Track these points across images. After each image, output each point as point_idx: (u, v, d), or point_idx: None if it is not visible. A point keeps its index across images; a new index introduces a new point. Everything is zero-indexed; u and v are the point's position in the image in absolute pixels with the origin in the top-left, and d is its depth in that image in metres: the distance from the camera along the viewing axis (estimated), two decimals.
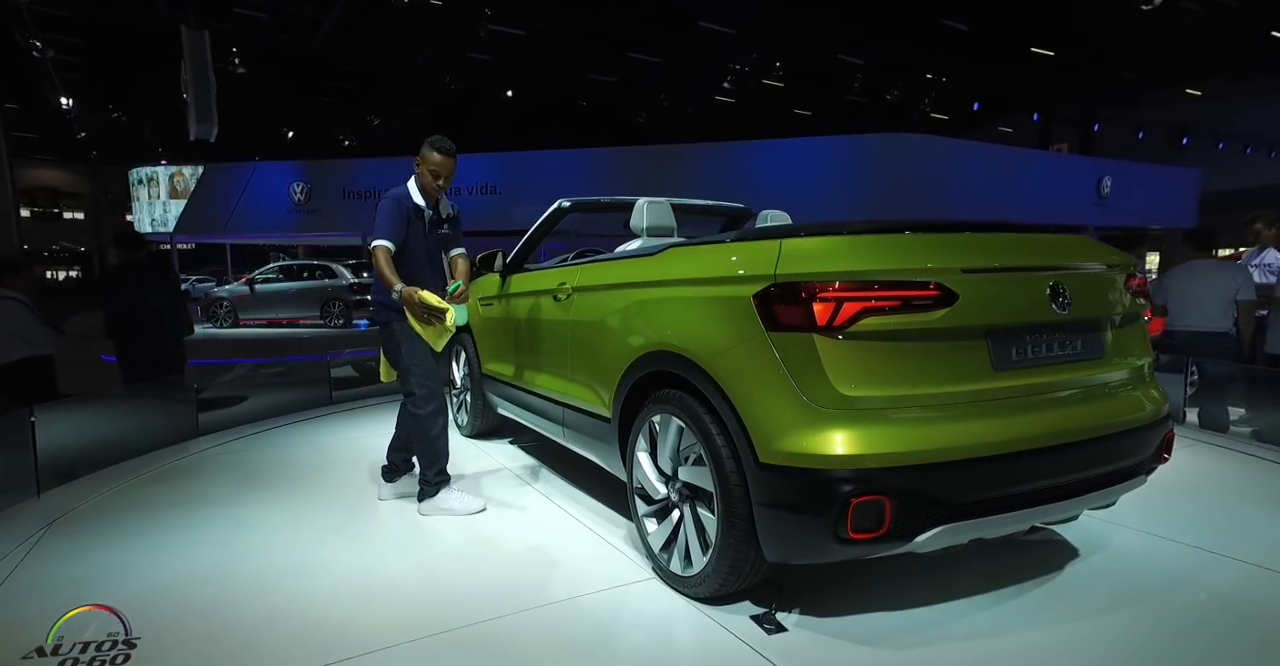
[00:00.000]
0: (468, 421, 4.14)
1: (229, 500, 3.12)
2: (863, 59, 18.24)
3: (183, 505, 3.03)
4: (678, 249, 2.34)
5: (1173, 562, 2.23)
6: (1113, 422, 1.89)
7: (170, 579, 2.30)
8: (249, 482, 3.39)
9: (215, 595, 2.19)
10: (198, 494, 3.22)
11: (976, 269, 1.77)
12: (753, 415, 1.80)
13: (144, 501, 3.11)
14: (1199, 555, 2.27)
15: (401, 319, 2.75)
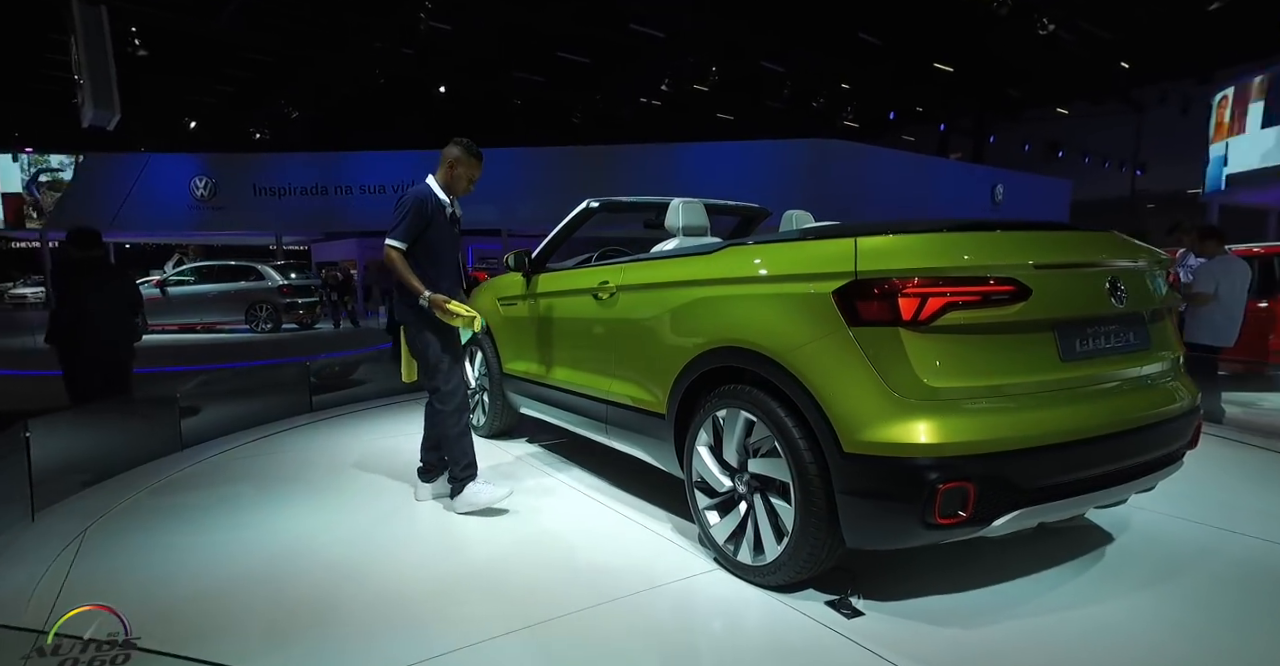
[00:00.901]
0: (485, 421, 4.09)
1: (262, 504, 3.04)
2: (784, 67, 19.02)
3: (211, 509, 2.98)
4: (737, 248, 2.39)
5: (1192, 538, 2.45)
6: (1160, 411, 2.03)
7: (231, 577, 2.30)
8: (273, 487, 3.28)
9: (286, 593, 2.19)
10: (225, 499, 3.12)
11: (1046, 265, 1.89)
12: (836, 407, 1.85)
13: (164, 509, 2.98)
14: (1210, 531, 2.51)
15: (426, 318, 2.79)
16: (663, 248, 2.95)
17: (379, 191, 16.24)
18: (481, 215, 14.82)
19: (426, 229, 2.77)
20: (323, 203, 16.65)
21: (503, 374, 3.84)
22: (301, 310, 12.83)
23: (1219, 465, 3.37)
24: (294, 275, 13.32)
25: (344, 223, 17.37)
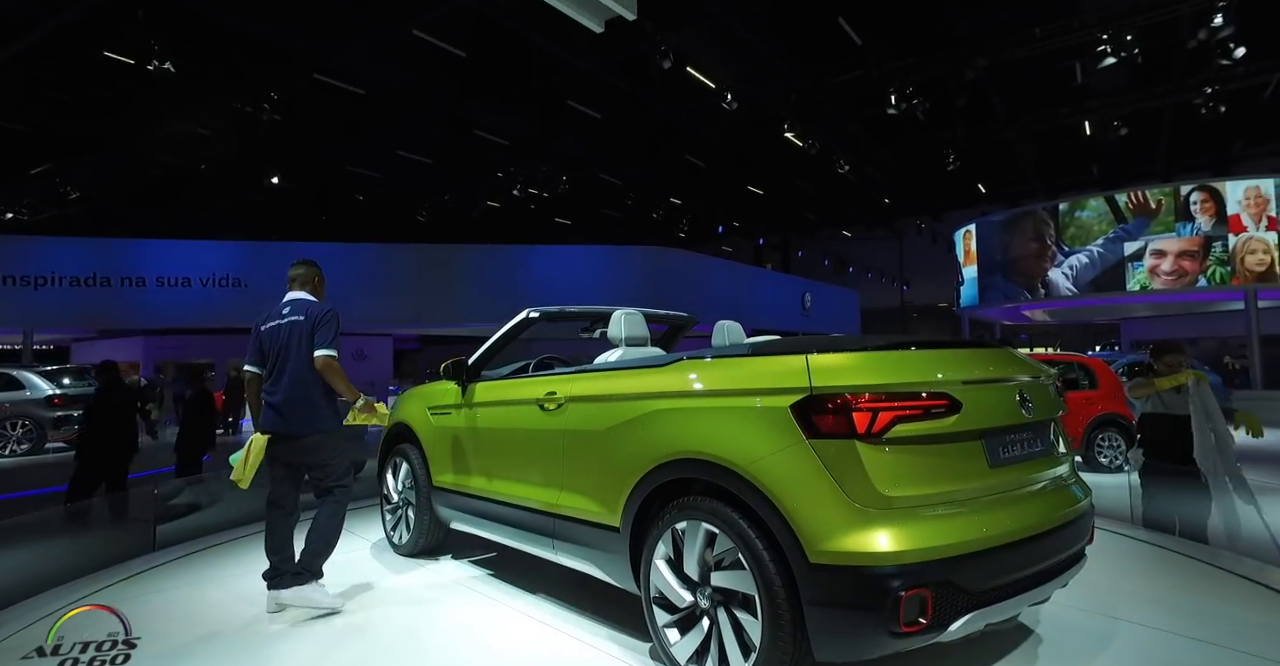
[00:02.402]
0: (409, 539, 3.68)
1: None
2: (620, 179, 20.60)
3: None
4: (692, 361, 2.44)
5: (1093, 626, 2.61)
6: (1071, 510, 2.21)
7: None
8: None
9: None
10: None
11: (972, 380, 2.08)
12: (800, 517, 1.87)
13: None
14: (1104, 620, 2.66)
15: (339, 426, 3.00)
16: (607, 358, 2.97)
17: (183, 285, 14.15)
18: None
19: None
20: (101, 295, 14.07)
21: (432, 487, 3.52)
22: (78, 425, 10.42)
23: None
24: (67, 381, 10.94)
25: (130, 319, 14.71)
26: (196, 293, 13.80)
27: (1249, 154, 18.46)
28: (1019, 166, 15.94)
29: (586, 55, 12.47)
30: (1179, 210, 14.64)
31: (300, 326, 2.98)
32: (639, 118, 15.76)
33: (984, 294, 17.93)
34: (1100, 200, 15.66)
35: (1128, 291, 15.21)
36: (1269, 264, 14.12)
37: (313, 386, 2.91)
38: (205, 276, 14.07)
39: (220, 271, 14.11)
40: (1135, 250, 14.94)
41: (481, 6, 10.85)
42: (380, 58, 12.62)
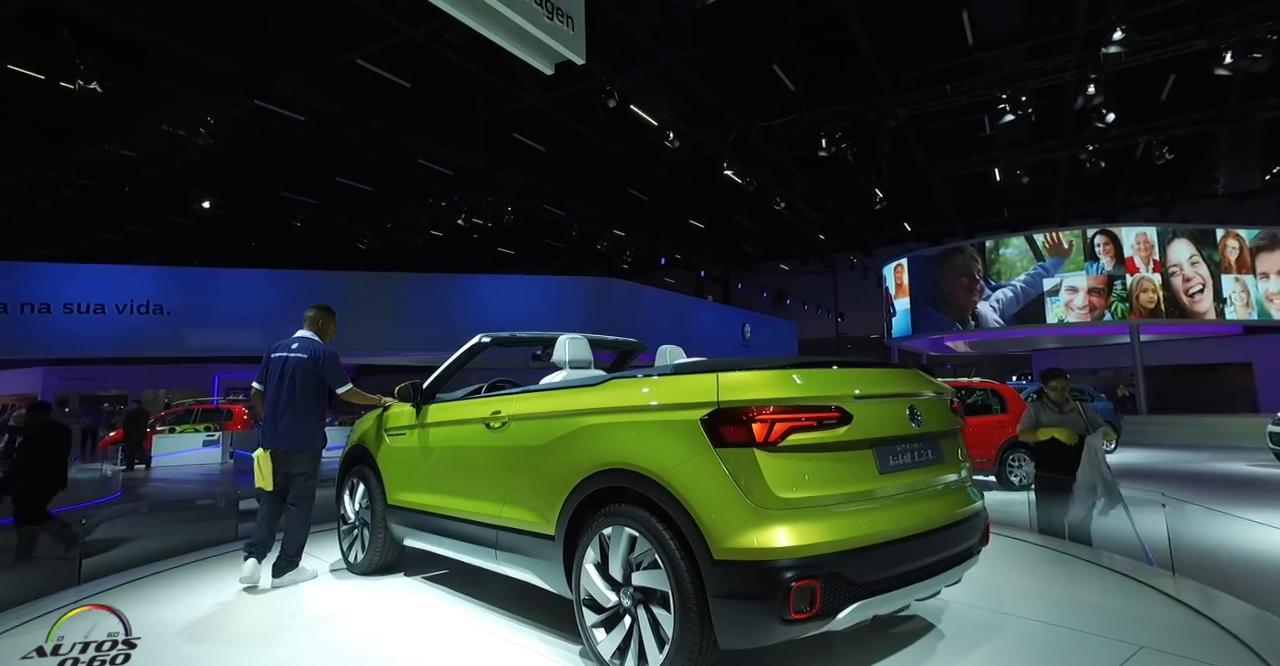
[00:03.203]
0: (363, 558, 3.76)
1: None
2: (563, 211, 20.89)
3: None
4: (619, 380, 2.64)
5: (977, 619, 2.90)
6: (958, 513, 2.44)
7: None
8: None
9: None
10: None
11: (864, 396, 2.32)
12: (706, 518, 2.09)
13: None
14: (986, 613, 2.98)
15: (321, 445, 3.76)
16: (552, 379, 3.16)
17: (96, 311, 13.34)
18: (244, 340, 12.96)
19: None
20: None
21: (387, 505, 3.62)
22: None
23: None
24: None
25: (31, 348, 13.74)
26: (111, 320, 13.02)
27: (1130, 203, 20.53)
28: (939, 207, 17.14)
29: (533, 90, 12.79)
30: (1087, 251, 16.07)
31: (305, 363, 3.69)
32: (584, 151, 16.15)
33: (917, 325, 18.93)
34: (1021, 239, 16.97)
35: (1047, 324, 16.42)
36: (1156, 302, 15.63)
37: (308, 414, 3.67)
38: (122, 303, 13.31)
39: (139, 297, 13.38)
40: (1053, 286, 16.24)
41: (428, 40, 11.04)
42: (321, 85, 12.58)
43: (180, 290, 13.79)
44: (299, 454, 3.65)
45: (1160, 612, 2.94)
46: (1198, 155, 14.20)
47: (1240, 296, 15.86)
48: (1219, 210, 17.82)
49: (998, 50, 11.18)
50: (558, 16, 3.94)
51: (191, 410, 12.21)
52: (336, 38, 11.02)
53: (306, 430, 3.66)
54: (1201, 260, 15.82)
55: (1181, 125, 11.99)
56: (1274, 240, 16.02)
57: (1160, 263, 15.73)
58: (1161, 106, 12.32)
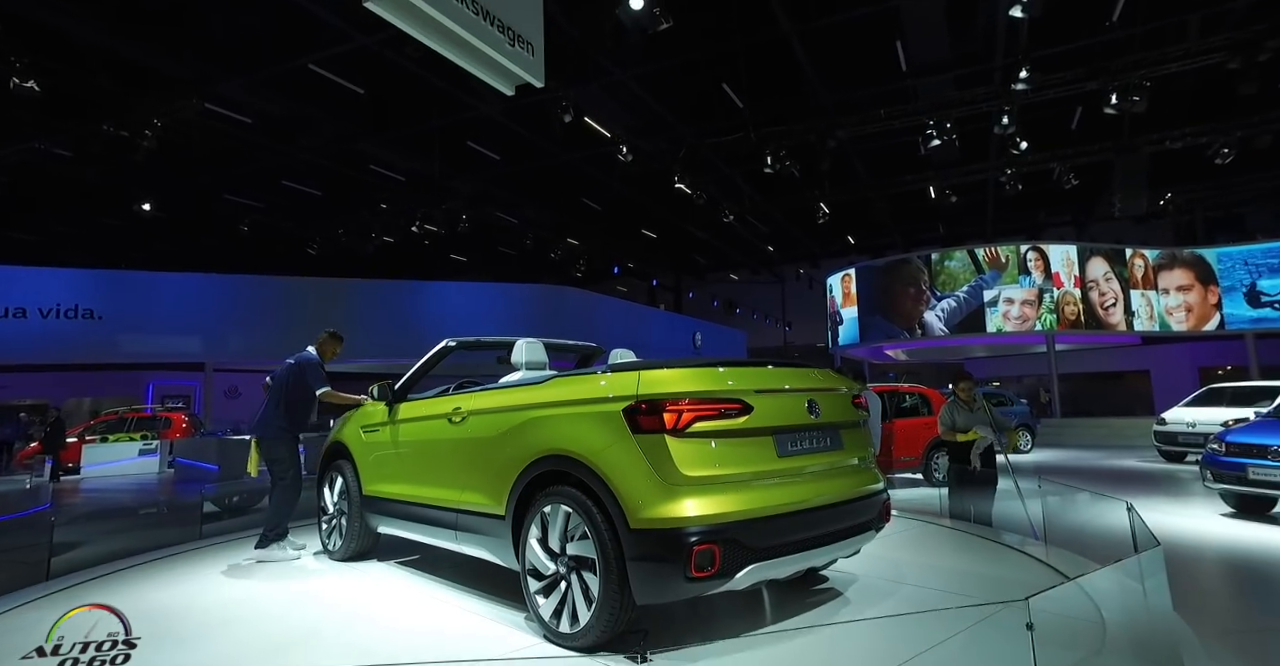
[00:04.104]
0: (341, 545, 4.11)
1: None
2: (516, 219, 20.99)
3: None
4: (560, 379, 2.99)
5: (874, 587, 3.34)
6: (851, 493, 2.81)
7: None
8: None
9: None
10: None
11: (763, 390, 2.68)
12: (625, 494, 2.44)
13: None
14: (884, 582, 3.44)
15: (290, 435, 4.32)
16: (509, 379, 3.47)
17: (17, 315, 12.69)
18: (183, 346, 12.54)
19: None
20: None
21: (363, 496, 3.95)
22: None
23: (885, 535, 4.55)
24: None
25: None
26: (34, 325, 12.38)
27: (1050, 222, 22.13)
28: (878, 221, 18.08)
29: (489, 100, 12.96)
30: (1020, 265, 17.19)
31: (290, 369, 4.38)
32: (538, 161, 16.35)
33: (865, 333, 19.73)
34: (964, 253, 17.97)
35: (988, 332, 17.45)
36: (1078, 314, 16.90)
37: (278, 409, 4.29)
38: (47, 307, 12.68)
39: (67, 302, 12.80)
40: (992, 297, 17.26)
41: (382, 48, 11.11)
42: (271, 88, 12.44)
43: (112, 294, 13.24)
44: (264, 442, 4.31)
45: (1032, 575, 3.44)
46: (1104, 180, 15.53)
47: (1145, 310, 17.32)
48: (1122, 231, 19.43)
49: (928, 77, 12.04)
50: (519, 43, 4.24)
51: (125, 418, 11.76)
52: (288, 42, 10.96)
53: (274, 422, 4.27)
54: (1114, 277, 17.21)
55: (1085, 154, 13.14)
56: (1173, 259, 17.57)
57: (1080, 278, 17.03)
58: (1071, 136, 13.47)
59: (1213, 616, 3.37)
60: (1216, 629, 3.10)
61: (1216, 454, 5.53)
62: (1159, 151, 12.47)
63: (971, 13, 10.30)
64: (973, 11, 10.26)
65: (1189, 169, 14.79)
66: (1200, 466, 5.79)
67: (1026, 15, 7.14)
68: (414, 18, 3.64)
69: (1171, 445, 9.86)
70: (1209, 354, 19.95)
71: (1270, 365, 16.47)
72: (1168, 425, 9.97)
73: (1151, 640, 2.49)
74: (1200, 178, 15.90)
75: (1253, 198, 17.81)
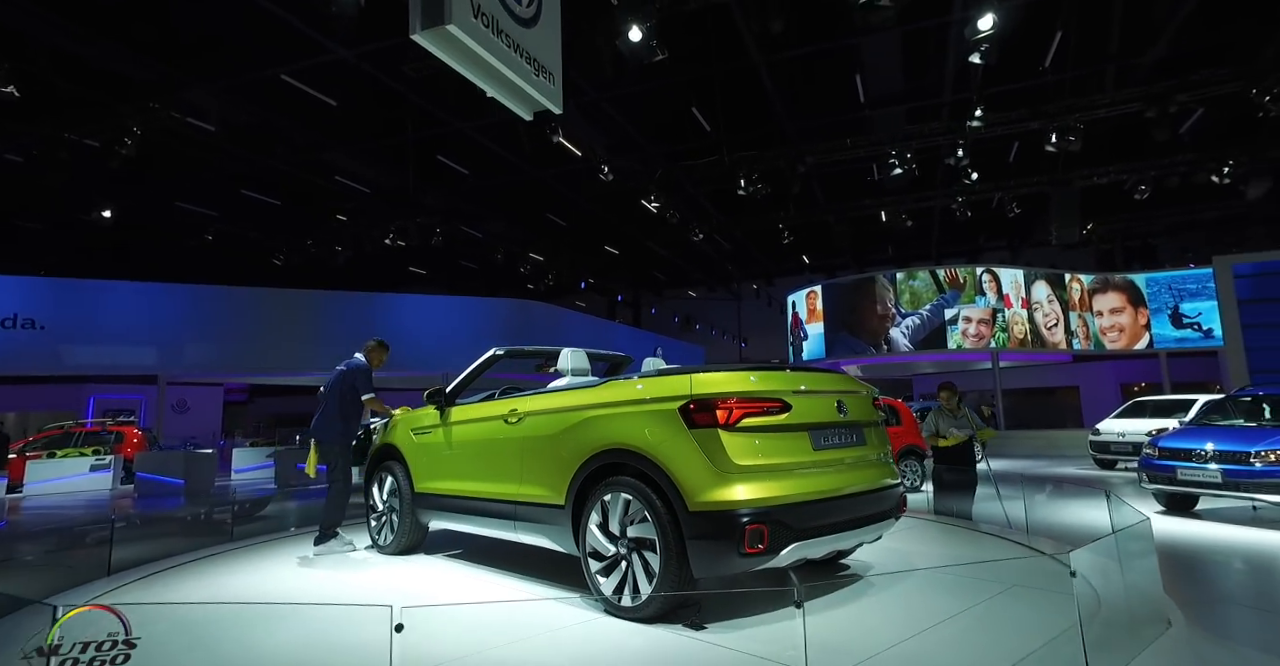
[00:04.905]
0: (392, 540, 4.35)
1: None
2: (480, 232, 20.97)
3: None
4: (614, 382, 3.34)
5: (882, 564, 3.78)
6: (875, 483, 3.21)
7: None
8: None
9: None
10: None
11: (800, 391, 3.11)
12: (683, 481, 2.81)
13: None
14: (900, 566, 3.86)
15: (345, 440, 4.72)
16: (557, 384, 3.74)
17: None
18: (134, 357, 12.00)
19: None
20: None
21: (414, 494, 4.17)
22: None
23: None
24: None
25: None
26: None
27: (989, 246, 23.73)
28: (838, 244, 18.96)
29: (462, 115, 13.09)
30: (976, 286, 18.25)
31: (341, 374, 4.75)
32: (506, 176, 16.50)
33: (831, 348, 20.36)
34: (927, 273, 18.92)
35: (949, 349, 18.37)
36: (1025, 333, 18.07)
37: (332, 413, 4.66)
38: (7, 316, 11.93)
39: (4, 311, 12.07)
40: (952, 316, 18.19)
41: (359, 61, 11.14)
42: (238, 95, 12.25)
43: (58, 303, 12.58)
44: (323, 445, 4.67)
45: (1022, 558, 3.93)
46: (1037, 209, 16.86)
47: (1082, 330, 18.72)
48: (1053, 256, 21.01)
49: (883, 109, 12.92)
50: (542, 73, 4.51)
51: (72, 433, 11.11)
52: (261, 51, 10.86)
53: (328, 425, 4.66)
54: (1056, 299, 18.54)
55: (1024, 186, 14.31)
56: (1106, 284, 19.09)
57: (1026, 300, 18.26)
58: (1009, 168, 14.63)
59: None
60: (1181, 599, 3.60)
61: (1151, 457, 6.19)
62: (1087, 185, 13.69)
63: (924, 52, 11.19)
64: (925, 51, 11.15)
65: (1112, 202, 16.25)
66: (1138, 469, 6.44)
67: (983, 62, 7.86)
68: (457, 51, 3.88)
69: (1104, 453, 10.77)
70: (1130, 371, 21.72)
71: (1180, 381, 18.13)
72: (1100, 435, 10.88)
73: (1141, 607, 2.90)
74: (1121, 210, 17.46)
75: (1163, 230, 19.63)
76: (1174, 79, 10.38)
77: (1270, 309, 13.69)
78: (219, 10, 9.95)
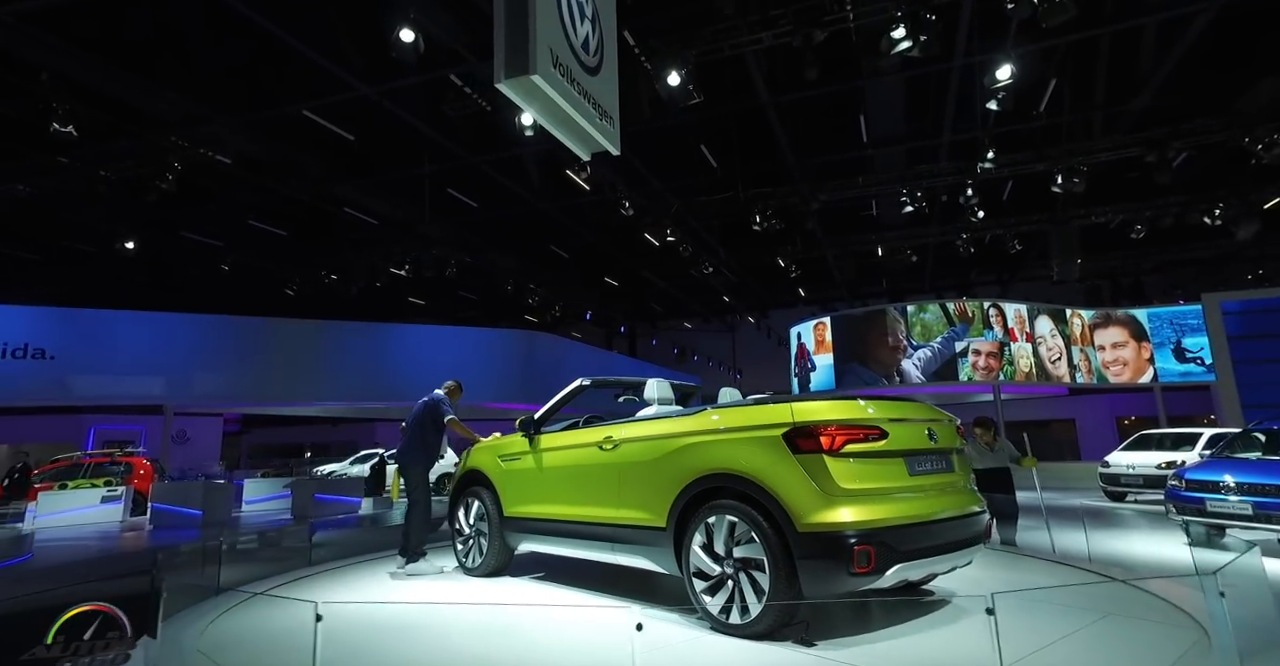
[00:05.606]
0: (481, 562, 4.46)
1: None
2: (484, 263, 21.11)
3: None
4: (714, 409, 3.48)
5: (975, 595, 3.80)
6: (965, 509, 3.34)
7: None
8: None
9: None
10: None
11: (896, 419, 3.28)
12: (791, 503, 2.94)
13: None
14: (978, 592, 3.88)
15: (425, 466, 5.09)
16: (645, 413, 3.89)
17: None
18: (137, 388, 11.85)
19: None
20: None
21: (503, 518, 4.27)
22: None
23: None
24: None
25: None
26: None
27: (979, 281, 24.35)
28: (840, 278, 19.36)
29: (478, 150, 13.37)
30: (984, 320, 18.52)
31: (424, 405, 5.14)
32: (513, 208, 16.76)
33: (841, 379, 20.29)
34: (937, 306, 19.11)
35: (960, 381, 18.44)
36: (1031, 367, 18.29)
37: (414, 441, 5.05)
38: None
39: (15, 341, 11.94)
40: (963, 348, 18.31)
41: (381, 98, 11.42)
42: (257, 130, 12.44)
43: (68, 333, 12.46)
44: (405, 470, 5.07)
45: (1106, 589, 4.01)
46: (1029, 246, 17.40)
47: (1084, 364, 19.01)
48: (1040, 291, 21.54)
49: (884, 148, 13.41)
50: (604, 117, 4.74)
51: (81, 464, 10.86)
52: (286, 88, 11.10)
53: (409, 453, 5.08)
54: (1058, 333, 18.87)
55: (1023, 223, 14.81)
56: (1107, 319, 19.46)
57: (1031, 334, 18.57)
58: (1003, 206, 15.16)
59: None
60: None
61: (1177, 489, 6.36)
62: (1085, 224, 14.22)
63: (925, 95, 11.72)
64: (926, 94, 11.67)
65: (1101, 239, 16.82)
66: (1164, 500, 6.60)
67: (1000, 108, 8.28)
68: (536, 98, 4.08)
69: (1115, 485, 10.94)
70: (1125, 404, 22.12)
71: (1175, 415, 18.48)
72: (1110, 467, 11.07)
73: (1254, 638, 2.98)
74: (1111, 248, 18.06)
75: (1153, 268, 20.27)
76: (1167, 127, 10.94)
77: (1259, 345, 14.15)
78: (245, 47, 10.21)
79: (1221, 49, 10.10)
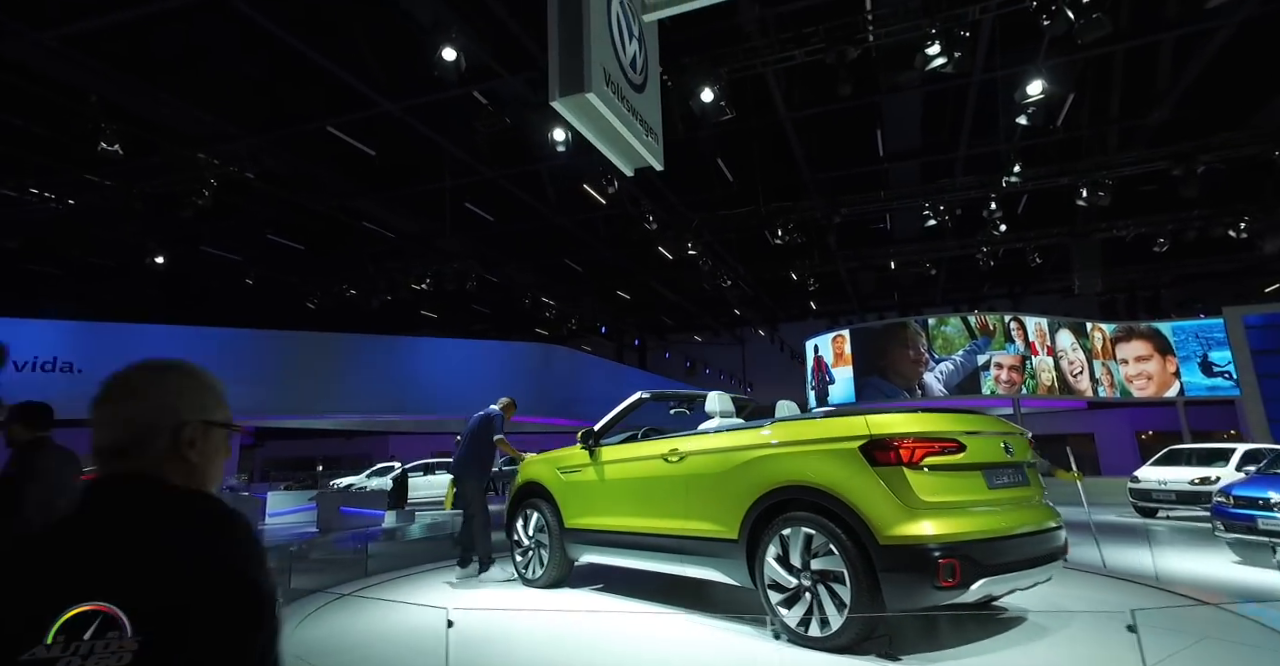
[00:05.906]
0: (541, 574, 4.45)
1: None
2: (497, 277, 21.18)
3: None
4: (783, 422, 3.45)
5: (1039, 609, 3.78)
6: (1044, 524, 3.36)
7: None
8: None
9: None
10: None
11: (972, 432, 3.24)
12: (872, 516, 2.89)
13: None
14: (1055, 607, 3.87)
15: (480, 477, 5.37)
16: (708, 426, 3.86)
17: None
18: None
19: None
20: None
21: (564, 529, 4.24)
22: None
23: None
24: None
25: None
26: (8, 377, 11.57)
27: (990, 294, 24.28)
28: (855, 289, 19.32)
29: (494, 164, 13.46)
30: (1005, 333, 18.36)
31: (479, 419, 5.34)
32: (530, 222, 16.84)
33: (861, 392, 20.05)
34: (958, 319, 18.97)
35: (983, 395, 18.15)
36: (1053, 381, 18.10)
37: (469, 455, 5.22)
38: (23, 360, 11.87)
39: (45, 354, 12.01)
40: (985, 361, 18.14)
41: (404, 115, 11.52)
42: (282, 146, 12.56)
43: (95, 346, 12.54)
44: (460, 481, 5.33)
45: (1187, 610, 3.92)
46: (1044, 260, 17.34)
47: (1106, 378, 18.79)
48: (1054, 304, 21.41)
49: (899, 162, 13.45)
50: (650, 133, 4.74)
51: None
52: (310, 105, 11.22)
53: (465, 465, 5.26)
54: (1079, 347, 18.67)
55: (1043, 237, 14.78)
56: (1129, 332, 19.20)
57: (1051, 347, 18.40)
58: (1019, 219, 15.14)
59: None
60: None
61: (1224, 506, 6.25)
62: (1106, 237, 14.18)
63: (942, 109, 11.76)
64: (943, 108, 11.72)
65: (1120, 252, 16.76)
66: (1211, 518, 6.49)
67: (1030, 123, 8.30)
68: (588, 115, 4.09)
69: (1146, 501, 10.79)
70: (1145, 419, 21.89)
71: (1198, 429, 18.21)
72: (1140, 482, 10.92)
73: None
74: (1132, 261, 17.95)
75: (1171, 281, 20.13)
76: (1194, 140, 10.94)
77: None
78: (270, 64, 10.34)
79: (1240, 64, 10.14)
